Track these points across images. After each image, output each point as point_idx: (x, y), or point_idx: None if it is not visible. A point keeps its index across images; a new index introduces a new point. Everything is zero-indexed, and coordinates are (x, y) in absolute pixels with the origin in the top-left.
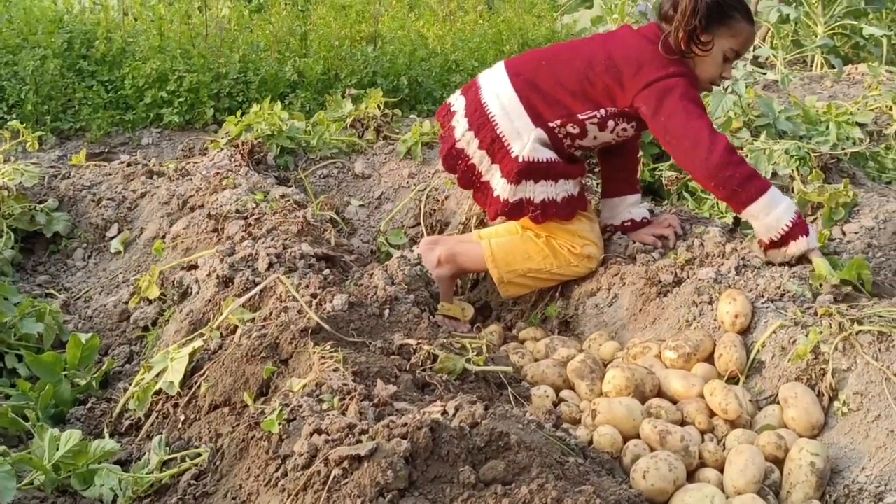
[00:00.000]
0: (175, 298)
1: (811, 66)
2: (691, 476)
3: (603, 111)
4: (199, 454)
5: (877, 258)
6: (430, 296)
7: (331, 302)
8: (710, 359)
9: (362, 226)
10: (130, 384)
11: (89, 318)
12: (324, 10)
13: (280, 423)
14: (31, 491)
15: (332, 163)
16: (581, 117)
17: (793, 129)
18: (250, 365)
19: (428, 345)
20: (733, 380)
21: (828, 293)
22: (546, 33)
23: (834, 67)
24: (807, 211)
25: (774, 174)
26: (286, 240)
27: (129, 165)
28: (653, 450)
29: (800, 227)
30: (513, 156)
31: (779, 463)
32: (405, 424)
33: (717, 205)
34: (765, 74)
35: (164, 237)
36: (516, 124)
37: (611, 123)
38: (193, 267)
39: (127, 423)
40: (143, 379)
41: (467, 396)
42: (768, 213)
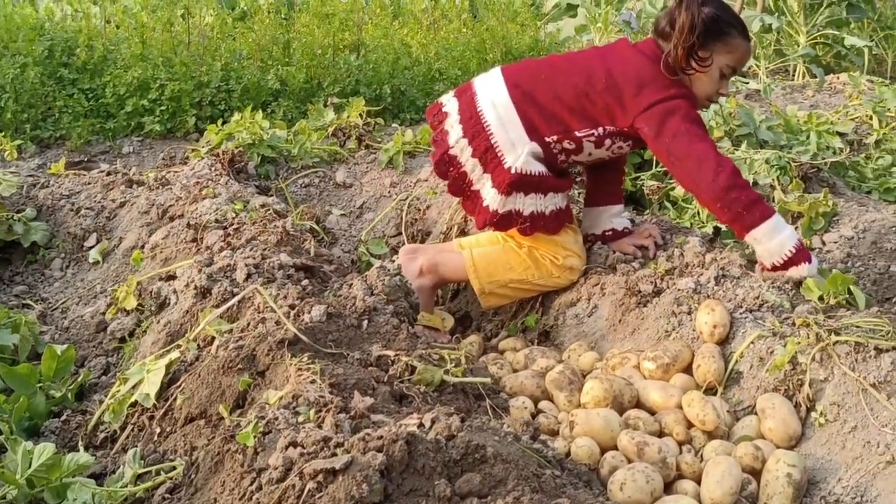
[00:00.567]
0: (153, 309)
1: (793, 75)
2: (669, 488)
3: (601, 129)
4: (174, 467)
5: (856, 268)
6: (410, 306)
7: (309, 313)
8: (688, 369)
9: (343, 235)
10: (106, 396)
11: (66, 329)
12: (307, 18)
13: (255, 436)
14: None
15: (313, 172)
16: (578, 135)
17: (774, 138)
18: (227, 377)
19: (406, 356)
20: (711, 390)
21: (807, 304)
22: (530, 42)
23: (816, 77)
24: (787, 220)
25: (755, 183)
26: (265, 250)
27: (108, 174)
28: (630, 461)
29: (802, 253)
30: (505, 167)
31: (756, 474)
32: (381, 437)
33: (698, 214)
34: (747, 84)
35: (142, 247)
36: (511, 136)
37: (608, 142)
38: (172, 277)
39: (102, 435)
40: (119, 391)
41: (444, 408)
42: (771, 238)
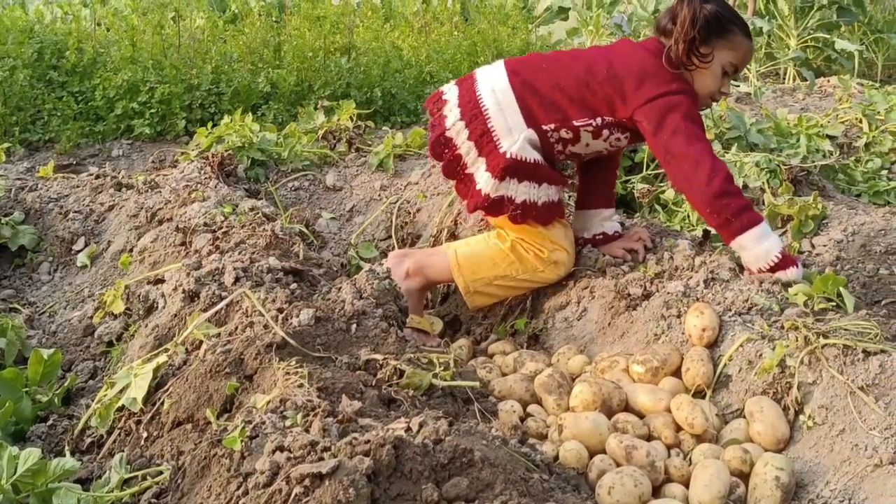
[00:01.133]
0: (140, 313)
1: (784, 78)
2: (657, 491)
3: (599, 120)
4: (161, 472)
5: (845, 271)
6: (399, 310)
7: (297, 317)
8: (677, 373)
9: (333, 239)
10: (93, 401)
11: (53, 333)
12: (298, 20)
13: (242, 441)
14: None
15: (303, 175)
16: (577, 124)
17: (764, 141)
18: (214, 381)
19: (395, 360)
20: (700, 394)
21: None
22: (521, 45)
23: (806, 80)
24: (776, 223)
25: (745, 187)
26: (254, 253)
27: (97, 178)
28: (619, 465)
29: (787, 259)
30: (500, 151)
31: (744, 477)
32: (368, 441)
33: (688, 218)
34: (738, 87)
35: (131, 251)
36: (509, 121)
37: (605, 132)
38: (160, 281)
39: (89, 440)
40: (106, 395)
41: (432, 412)
42: (757, 245)
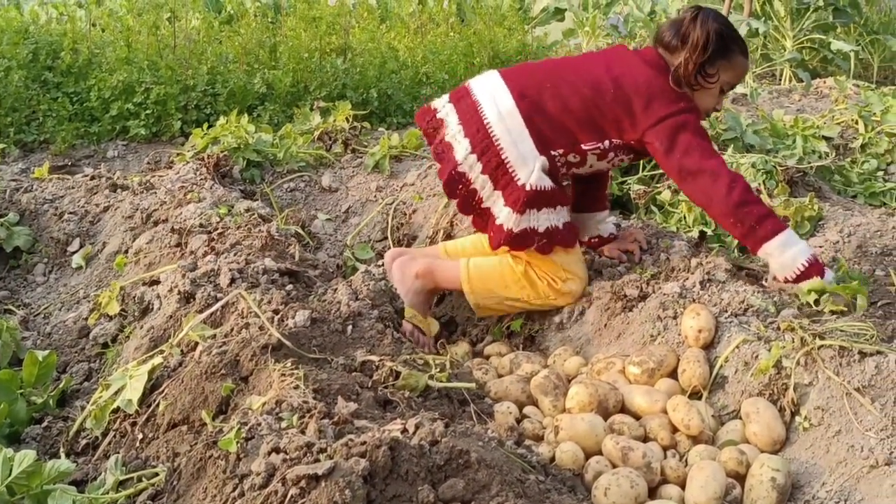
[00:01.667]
0: (136, 314)
1: (780, 79)
2: (653, 493)
3: (607, 142)
4: (156, 474)
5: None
6: (395, 311)
7: (293, 318)
8: (673, 374)
9: (329, 240)
10: (88, 402)
11: (48, 335)
12: (294, 21)
13: (238, 442)
14: None
15: (298, 176)
16: (585, 147)
17: (760, 142)
18: (210, 382)
19: (391, 361)
20: (696, 395)
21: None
22: (517, 46)
23: (802, 81)
24: None
25: None
26: (249, 255)
27: (92, 179)
28: (615, 466)
29: (815, 267)
30: (519, 184)
31: (740, 479)
32: (364, 443)
33: (684, 219)
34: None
35: (126, 252)
36: (521, 149)
37: (611, 155)
38: (155, 282)
39: (84, 442)
40: (101, 397)
41: (428, 414)
42: (783, 252)
